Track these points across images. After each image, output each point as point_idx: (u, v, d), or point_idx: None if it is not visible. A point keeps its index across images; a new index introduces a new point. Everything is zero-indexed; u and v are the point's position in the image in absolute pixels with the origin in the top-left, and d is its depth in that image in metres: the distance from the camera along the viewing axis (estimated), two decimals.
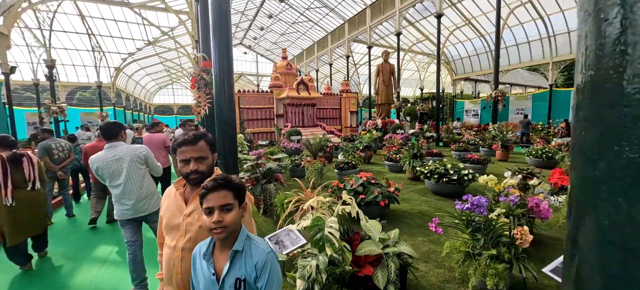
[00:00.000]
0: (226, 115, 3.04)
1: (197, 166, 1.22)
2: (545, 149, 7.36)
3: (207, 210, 1.01)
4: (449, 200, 4.70)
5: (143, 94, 32.50)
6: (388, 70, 15.30)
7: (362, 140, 8.48)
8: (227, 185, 1.03)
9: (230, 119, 3.08)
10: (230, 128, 3.08)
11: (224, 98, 3.01)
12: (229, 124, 3.07)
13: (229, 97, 3.02)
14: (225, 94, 3.00)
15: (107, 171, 2.26)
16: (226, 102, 3.01)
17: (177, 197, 1.30)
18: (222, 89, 3.00)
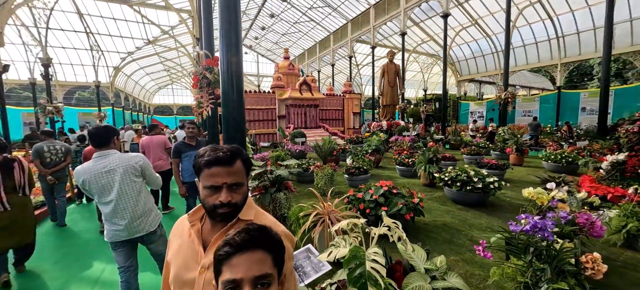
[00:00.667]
0: (235, 117, 2.68)
1: (230, 196, 0.84)
2: (565, 154, 6.99)
3: (230, 285, 0.61)
4: (473, 211, 4.33)
5: (142, 94, 32.11)
6: (393, 70, 14.96)
7: (371, 143, 8.11)
8: (265, 241, 0.65)
9: (239, 122, 2.72)
10: (239, 131, 2.72)
11: (233, 99, 2.64)
12: (237, 127, 2.71)
13: (238, 99, 2.67)
14: (233, 95, 2.64)
15: (96, 185, 1.89)
16: (235, 103, 2.65)
17: (192, 237, 0.91)
18: (230, 89, 2.64)
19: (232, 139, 2.68)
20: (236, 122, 2.68)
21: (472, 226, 3.79)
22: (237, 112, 2.67)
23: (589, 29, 14.10)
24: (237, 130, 2.68)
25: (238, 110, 2.68)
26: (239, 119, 2.69)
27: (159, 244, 2.20)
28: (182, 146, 3.61)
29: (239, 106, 2.68)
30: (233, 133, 2.69)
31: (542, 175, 4.46)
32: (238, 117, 2.68)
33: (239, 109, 2.68)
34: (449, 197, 4.82)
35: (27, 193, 3.12)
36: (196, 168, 0.87)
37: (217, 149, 0.85)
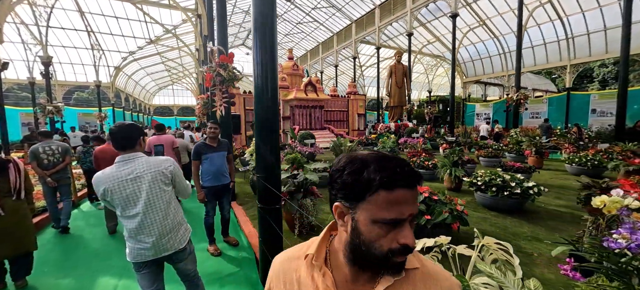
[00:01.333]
0: (268, 119, 2.37)
1: (411, 235, 0.52)
2: (589, 156, 6.71)
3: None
4: (510, 218, 4.03)
5: (142, 95, 31.73)
6: (401, 71, 14.70)
7: (385, 144, 7.80)
8: None
9: (273, 124, 2.41)
10: (274, 133, 2.41)
11: (266, 99, 2.34)
12: (271, 129, 2.40)
13: (272, 99, 2.36)
14: (268, 95, 2.34)
15: (120, 195, 1.57)
16: (268, 104, 2.35)
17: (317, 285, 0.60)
18: (264, 89, 2.34)
19: (265, 141, 2.38)
20: (269, 122, 2.37)
21: (515, 235, 3.48)
22: (270, 112, 2.36)
23: (599, 29, 13.90)
24: (271, 131, 2.37)
25: (271, 110, 2.37)
26: (272, 120, 2.39)
27: (188, 262, 1.89)
28: (203, 147, 3.30)
29: (273, 105, 2.37)
30: (266, 134, 2.38)
31: (582, 179, 4.16)
32: (272, 118, 2.38)
33: (272, 109, 2.38)
34: (481, 202, 4.52)
35: (22, 197, 2.83)
36: (354, 187, 0.53)
37: (392, 159, 0.53)
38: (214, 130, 3.34)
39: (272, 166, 2.39)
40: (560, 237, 3.36)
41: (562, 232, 3.54)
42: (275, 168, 2.42)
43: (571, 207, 4.51)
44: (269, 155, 2.38)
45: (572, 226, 3.74)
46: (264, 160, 2.39)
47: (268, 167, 2.38)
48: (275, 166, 2.42)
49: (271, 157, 2.38)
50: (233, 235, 3.81)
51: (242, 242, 3.70)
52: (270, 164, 2.38)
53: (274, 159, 2.39)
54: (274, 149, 2.39)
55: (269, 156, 2.38)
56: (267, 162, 2.38)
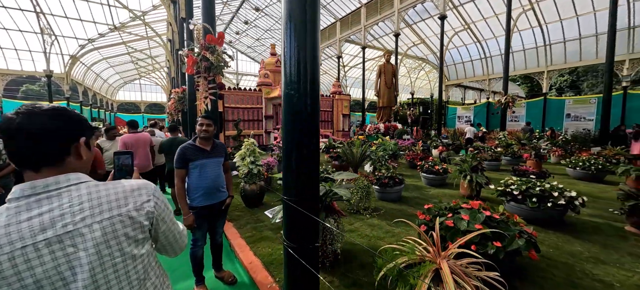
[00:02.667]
0: (307, 121, 1.54)
1: None
2: (593, 161, 6.59)
3: None
4: (553, 232, 3.52)
5: (104, 89, 28.70)
6: (391, 71, 14.34)
7: (386, 147, 7.19)
8: None
9: (313, 127, 1.58)
10: (314, 138, 1.58)
11: (305, 97, 1.51)
12: (311, 133, 1.57)
13: (312, 98, 1.53)
14: (306, 92, 1.51)
15: (18, 283, 0.64)
16: (308, 103, 1.51)
17: None
18: (301, 85, 1.50)
19: (301, 148, 1.54)
20: (308, 125, 1.54)
21: (574, 256, 2.94)
22: (310, 112, 1.53)
23: (575, 38, 14.57)
24: (312, 137, 1.54)
25: (312, 110, 1.54)
26: (313, 123, 1.57)
27: None
28: (191, 151, 2.36)
29: (313, 104, 1.55)
30: (304, 141, 1.55)
31: (624, 187, 3.78)
32: (312, 121, 1.55)
33: (312, 109, 1.55)
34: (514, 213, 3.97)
35: None
36: None
37: None
38: (208, 128, 2.41)
39: (309, 184, 1.56)
40: (623, 259, 2.88)
41: (618, 251, 3.07)
42: (313, 187, 1.59)
43: (606, 218, 4.13)
44: (306, 165, 1.54)
45: (621, 242, 3.30)
46: (297, 177, 1.54)
47: (302, 186, 1.54)
48: (313, 185, 1.58)
49: (310, 166, 1.55)
50: (227, 267, 2.89)
51: (240, 278, 2.78)
52: (306, 182, 1.55)
53: (313, 167, 1.56)
54: (313, 158, 1.56)
55: (306, 166, 1.54)
56: (301, 172, 1.54)
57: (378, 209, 4.39)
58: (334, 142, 10.79)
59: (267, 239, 3.45)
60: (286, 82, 1.50)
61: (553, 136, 13.65)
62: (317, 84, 1.54)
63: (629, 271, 2.65)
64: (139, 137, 4.73)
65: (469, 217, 2.51)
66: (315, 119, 1.56)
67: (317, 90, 1.54)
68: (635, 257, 2.95)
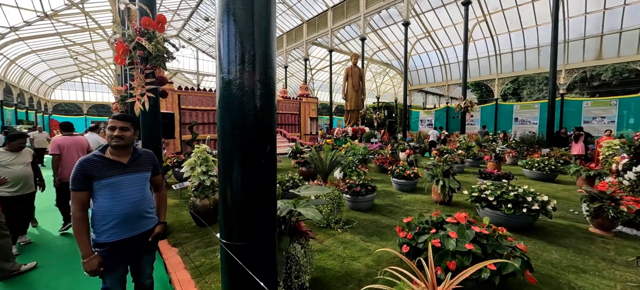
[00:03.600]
0: (256, 125, 1.01)
1: None
2: (546, 162, 6.97)
3: None
4: (527, 238, 3.41)
5: (35, 87, 24.78)
6: (358, 74, 14.29)
7: (356, 151, 6.88)
8: None
9: (266, 133, 1.05)
10: (269, 139, 1.05)
11: (254, 89, 0.98)
12: (264, 141, 1.04)
13: (266, 88, 1.01)
14: (254, 82, 0.98)
15: None
16: (257, 97, 0.99)
17: None
18: (247, 68, 0.97)
19: (247, 164, 1.00)
20: (266, 123, 1.01)
21: (555, 266, 2.79)
22: (266, 111, 1.01)
23: (521, 49, 15.96)
24: (268, 137, 1.02)
25: (268, 108, 1.02)
26: (269, 121, 1.04)
27: None
28: (96, 165, 1.69)
29: (268, 102, 1.02)
30: (252, 153, 1.01)
31: (582, 191, 3.84)
32: (268, 119, 1.02)
33: (268, 107, 1.03)
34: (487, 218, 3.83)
35: None
36: None
37: None
38: (123, 134, 1.76)
39: (261, 218, 1.03)
40: (600, 265, 2.80)
41: (592, 256, 3.01)
42: (268, 222, 1.06)
43: (569, 219, 4.20)
44: (256, 194, 1.01)
45: (591, 245, 3.28)
46: (242, 209, 1.01)
47: (251, 222, 1.01)
48: (268, 218, 1.06)
49: (262, 198, 1.02)
50: None
51: None
52: (257, 217, 1.02)
53: (266, 204, 1.03)
54: (266, 182, 1.04)
55: (256, 198, 1.01)
56: (251, 210, 1.01)
57: (350, 222, 3.97)
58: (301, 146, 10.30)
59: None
60: (222, 65, 0.96)
61: (505, 139, 14.76)
62: (273, 67, 1.02)
63: (610, 280, 2.54)
64: (74, 140, 4.01)
65: (456, 235, 2.17)
66: (270, 120, 1.05)
67: (273, 78, 1.03)
68: (609, 262, 2.89)
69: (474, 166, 9.31)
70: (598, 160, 7.64)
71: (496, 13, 15.08)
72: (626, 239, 3.46)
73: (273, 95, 1.05)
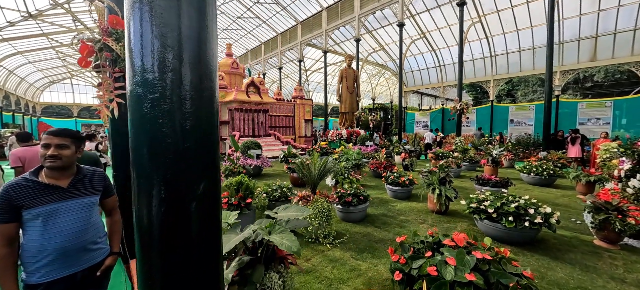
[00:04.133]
0: (202, 124, 0.72)
1: None
2: (545, 167, 6.79)
3: None
4: (530, 254, 3.17)
5: (22, 89, 24.13)
6: (352, 76, 14.08)
7: (349, 156, 6.63)
8: None
9: (205, 157, 0.77)
10: (211, 148, 0.77)
11: (182, 91, 0.69)
12: (206, 141, 0.75)
13: (208, 97, 0.73)
14: (186, 99, 0.69)
15: None
16: (200, 96, 0.71)
17: None
18: (188, 66, 0.69)
19: (196, 163, 0.72)
20: (204, 132, 0.73)
21: (561, 286, 2.55)
22: (205, 112, 0.72)
23: (515, 50, 15.90)
24: (208, 146, 0.74)
25: (203, 129, 0.74)
26: (208, 146, 0.76)
27: None
28: (24, 191, 1.42)
29: (204, 120, 0.74)
30: (193, 153, 0.73)
31: (582, 197, 3.62)
32: (205, 143, 0.74)
33: (204, 126, 0.74)
34: (487, 232, 3.60)
35: None
36: None
37: None
38: (60, 153, 1.49)
39: (208, 195, 0.75)
40: (609, 286, 2.57)
41: (600, 275, 2.78)
42: (214, 199, 0.79)
43: (571, 229, 3.99)
44: (205, 185, 0.73)
45: (598, 261, 3.05)
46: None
47: (200, 197, 0.73)
48: (215, 194, 0.79)
49: (209, 186, 0.74)
50: None
51: None
52: (205, 195, 0.74)
53: (213, 184, 0.76)
54: (212, 167, 0.76)
55: (205, 186, 0.73)
56: (200, 189, 0.73)
57: (341, 235, 3.70)
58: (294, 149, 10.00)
59: None
60: (134, 65, 0.69)
61: (502, 141, 14.65)
62: (210, 68, 0.75)
63: None
64: (35, 151, 3.59)
65: (455, 261, 1.91)
66: (209, 146, 0.77)
67: (212, 84, 0.76)
68: (619, 281, 2.66)
69: (470, 170, 9.13)
70: (595, 164, 7.50)
71: (491, 14, 14.99)
72: (634, 253, 3.24)
73: (212, 108, 0.78)
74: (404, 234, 2.58)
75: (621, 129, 12.77)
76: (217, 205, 0.83)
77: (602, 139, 9.01)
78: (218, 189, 0.82)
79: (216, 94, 0.79)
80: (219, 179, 0.82)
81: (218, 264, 0.85)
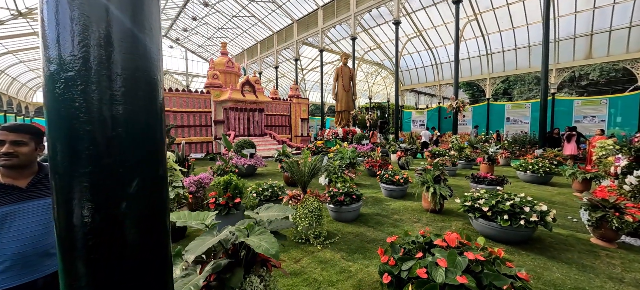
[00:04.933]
0: (133, 111, 0.60)
1: None
2: (541, 164, 6.73)
3: None
4: (526, 253, 3.09)
5: (14, 89, 23.76)
6: (348, 74, 13.97)
7: (343, 155, 6.52)
8: None
9: (149, 120, 0.65)
10: (154, 145, 0.65)
11: (113, 96, 0.58)
12: (145, 128, 0.63)
13: (146, 76, 0.61)
14: (116, 86, 0.58)
15: None
16: (124, 108, 0.59)
17: None
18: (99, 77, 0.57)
19: (127, 155, 0.60)
20: (139, 119, 0.61)
21: (557, 287, 2.46)
22: (141, 95, 0.60)
23: (511, 48, 15.89)
24: (146, 137, 0.62)
25: (145, 93, 0.62)
26: (147, 116, 0.64)
27: None
28: None
29: (149, 85, 0.63)
30: (131, 151, 0.61)
31: (578, 195, 3.55)
32: (144, 113, 0.62)
33: (146, 91, 0.63)
34: (482, 231, 3.51)
35: None
36: None
37: None
38: (16, 150, 1.38)
39: (156, 204, 0.64)
40: (607, 286, 2.49)
41: (598, 274, 2.70)
42: (162, 206, 0.67)
43: (568, 227, 3.91)
44: (146, 185, 0.62)
45: (595, 260, 2.98)
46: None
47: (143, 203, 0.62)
48: (163, 203, 0.67)
49: (153, 188, 0.63)
50: None
51: None
52: (153, 199, 0.62)
53: (159, 187, 0.64)
54: (154, 168, 0.64)
55: (147, 187, 0.62)
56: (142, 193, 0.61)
57: (332, 235, 3.60)
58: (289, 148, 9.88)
59: None
60: (48, 44, 0.57)
61: (499, 139, 14.63)
62: (154, 44, 0.64)
63: None
64: None
65: (446, 263, 1.81)
66: (155, 133, 0.66)
67: (156, 34, 0.64)
68: (617, 281, 2.58)
69: (466, 168, 9.06)
70: (591, 161, 7.46)
71: (487, 12, 14.95)
72: (631, 251, 3.17)
73: (153, 89, 0.66)
74: (397, 234, 2.49)
75: (616, 127, 12.80)
76: (162, 205, 0.71)
77: (597, 137, 9.00)
78: (161, 187, 0.70)
79: (157, 70, 0.68)
80: (164, 175, 0.71)
81: (165, 273, 0.74)
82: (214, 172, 6.01)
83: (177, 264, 1.65)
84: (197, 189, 4.33)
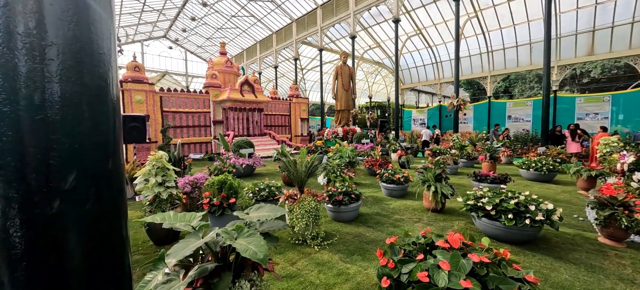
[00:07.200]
0: (68, 89, 0.48)
1: None
2: (544, 162, 6.60)
3: None
4: (532, 254, 2.97)
5: None
6: (347, 73, 13.85)
7: (343, 154, 6.41)
8: None
9: (91, 100, 0.53)
10: (109, 149, 0.53)
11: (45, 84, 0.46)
12: (86, 110, 0.51)
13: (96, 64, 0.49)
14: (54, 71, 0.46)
15: None
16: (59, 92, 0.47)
17: None
18: None
19: (60, 143, 0.49)
20: (78, 99, 0.49)
21: (574, 288, 2.34)
22: (86, 68, 0.49)
23: (512, 45, 15.74)
24: (88, 121, 0.51)
25: (90, 66, 0.50)
26: (87, 95, 0.52)
27: None
28: None
29: (93, 53, 0.51)
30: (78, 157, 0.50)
31: (583, 193, 3.42)
32: (83, 90, 0.50)
33: (90, 62, 0.51)
34: (485, 231, 3.39)
35: None
36: None
37: None
38: None
39: (112, 213, 0.52)
40: (617, 288, 2.36)
41: (608, 276, 2.57)
42: (117, 215, 0.55)
43: (574, 226, 3.78)
44: None
45: (604, 260, 2.85)
46: None
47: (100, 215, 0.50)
48: (119, 213, 0.55)
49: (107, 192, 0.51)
50: None
51: None
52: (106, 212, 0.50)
53: (116, 192, 0.53)
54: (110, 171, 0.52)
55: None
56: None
57: (330, 236, 3.48)
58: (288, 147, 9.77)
59: None
60: None
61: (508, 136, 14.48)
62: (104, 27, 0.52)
63: None
64: None
65: (449, 266, 1.69)
66: (97, 111, 0.54)
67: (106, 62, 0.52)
68: (629, 282, 2.46)
69: (468, 166, 8.94)
70: (595, 158, 7.32)
71: (487, 9, 14.81)
72: None
73: (106, 78, 0.55)
74: (398, 234, 2.37)
75: (619, 124, 12.64)
76: (115, 206, 0.60)
77: (599, 134, 8.86)
78: (113, 184, 0.59)
79: (108, 41, 0.56)
80: (116, 169, 0.60)
81: (120, 285, 0.62)
82: (210, 172, 5.90)
83: (159, 269, 1.54)
84: (192, 189, 4.22)
